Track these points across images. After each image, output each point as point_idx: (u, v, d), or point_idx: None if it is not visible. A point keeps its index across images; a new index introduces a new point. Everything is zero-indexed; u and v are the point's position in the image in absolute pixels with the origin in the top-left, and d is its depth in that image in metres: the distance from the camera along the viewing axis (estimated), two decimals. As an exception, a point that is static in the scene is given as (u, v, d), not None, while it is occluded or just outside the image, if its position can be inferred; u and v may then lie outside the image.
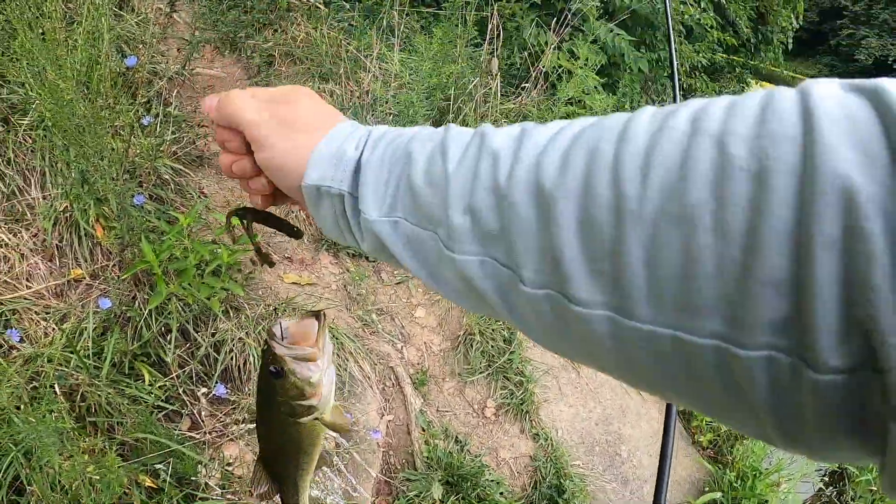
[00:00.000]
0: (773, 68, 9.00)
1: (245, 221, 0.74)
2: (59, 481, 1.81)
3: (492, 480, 2.62)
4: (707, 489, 3.35)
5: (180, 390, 2.38)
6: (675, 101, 1.65)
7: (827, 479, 3.99)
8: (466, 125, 2.99)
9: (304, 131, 0.60)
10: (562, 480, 2.79)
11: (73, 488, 1.80)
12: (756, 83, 8.29)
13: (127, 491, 1.97)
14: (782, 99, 0.34)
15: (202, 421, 2.39)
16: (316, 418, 0.77)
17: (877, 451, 0.31)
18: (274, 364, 0.72)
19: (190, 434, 2.28)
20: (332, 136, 0.58)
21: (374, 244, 0.55)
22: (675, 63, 1.77)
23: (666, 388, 0.40)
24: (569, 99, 3.99)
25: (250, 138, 0.62)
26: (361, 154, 0.56)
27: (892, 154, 0.29)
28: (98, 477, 1.82)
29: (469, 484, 2.52)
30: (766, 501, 3.32)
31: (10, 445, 1.81)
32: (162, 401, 2.25)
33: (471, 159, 0.47)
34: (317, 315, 0.74)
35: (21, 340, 2.13)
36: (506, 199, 0.43)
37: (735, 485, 3.31)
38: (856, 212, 0.28)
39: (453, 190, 0.47)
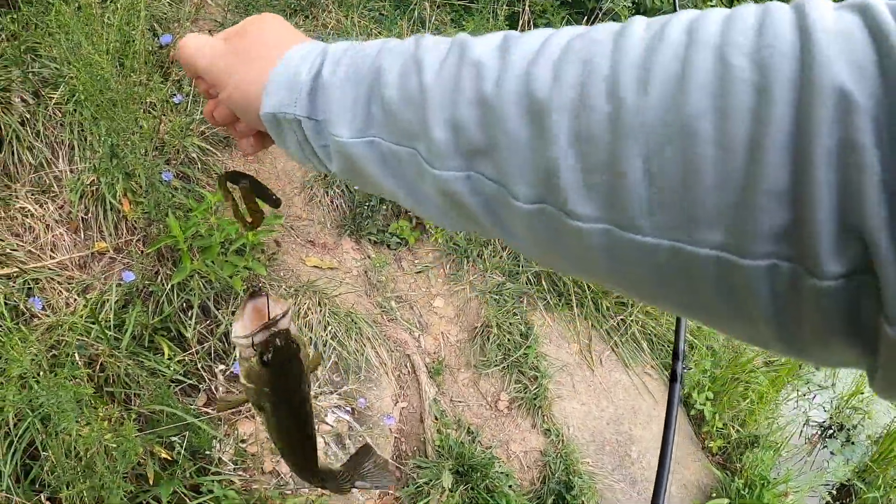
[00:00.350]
0: None
1: (233, 185, 0.74)
2: (75, 447, 1.84)
3: (501, 472, 2.63)
4: (714, 495, 3.34)
5: (199, 366, 2.40)
6: None
7: (834, 492, 3.96)
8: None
9: (262, 58, 0.57)
10: (571, 477, 2.80)
11: (88, 456, 1.83)
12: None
13: (142, 461, 2.00)
14: (779, 13, 0.34)
15: (219, 395, 2.41)
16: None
17: (870, 353, 0.33)
18: (271, 344, 0.73)
19: (205, 410, 2.31)
20: (287, 60, 0.55)
21: (345, 165, 0.52)
22: None
23: (663, 299, 0.40)
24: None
25: (211, 82, 0.60)
26: (320, 72, 0.52)
27: (882, 68, 0.30)
28: (115, 445, 1.84)
29: (479, 475, 2.53)
30: (772, 511, 3.31)
31: (28, 411, 1.85)
32: (180, 375, 2.28)
33: (450, 70, 0.45)
34: (254, 293, 0.75)
35: (43, 309, 2.16)
36: (493, 111, 0.41)
37: (742, 492, 3.29)
38: (850, 124, 0.29)
39: (432, 103, 0.45)
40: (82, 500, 1.79)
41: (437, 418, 2.72)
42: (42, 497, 1.79)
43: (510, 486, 2.62)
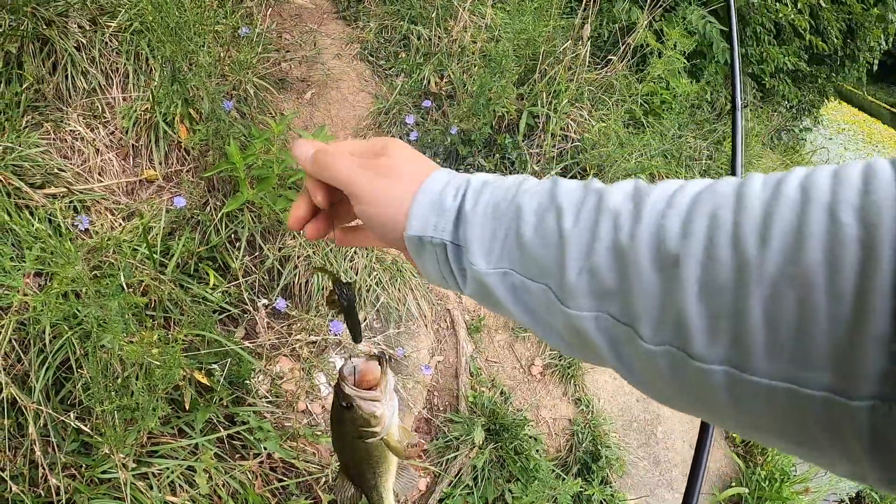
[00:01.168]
0: (852, 88, 8.71)
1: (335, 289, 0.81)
2: (111, 367, 1.85)
3: (530, 436, 2.63)
4: (734, 484, 3.32)
5: (243, 296, 2.41)
6: (734, 99, 1.67)
7: (848, 500, 3.92)
8: (552, 88, 2.95)
9: (402, 181, 0.59)
10: (598, 447, 2.79)
11: (125, 375, 1.83)
12: (835, 100, 8.02)
13: (179, 385, 2.01)
14: (882, 172, 0.37)
15: (258, 331, 2.42)
16: (381, 439, 0.87)
17: None
18: (344, 399, 0.82)
19: (245, 343, 2.32)
20: (429, 185, 0.58)
21: (479, 291, 0.56)
22: (737, 63, 1.72)
23: (778, 436, 0.42)
24: (651, 78, 3.93)
25: (350, 194, 0.61)
26: (463, 203, 0.56)
27: None
28: (159, 363, 1.85)
29: (509, 435, 2.53)
30: (789, 507, 3.28)
31: (65, 328, 1.85)
32: (224, 303, 2.28)
33: (589, 218, 0.49)
34: (380, 360, 0.84)
35: (87, 231, 2.17)
36: (627, 258, 0.45)
37: (762, 484, 3.28)
38: None
39: (571, 248, 0.48)
40: (114, 419, 1.80)
41: (472, 375, 2.71)
42: (72, 415, 1.80)
43: (537, 451, 2.62)
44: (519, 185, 0.56)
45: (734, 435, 3.51)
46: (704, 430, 1.26)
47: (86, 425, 1.79)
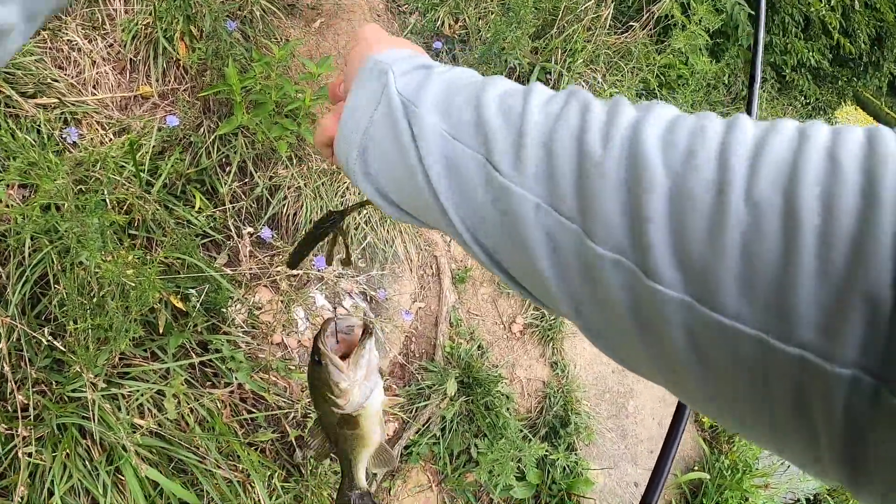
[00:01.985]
0: (870, 96, 8.60)
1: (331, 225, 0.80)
2: (88, 284, 1.81)
3: (503, 394, 2.63)
4: (696, 468, 3.35)
5: (228, 222, 2.36)
6: (751, 86, 1.53)
7: (805, 500, 3.96)
8: (568, 46, 2.85)
9: (381, 43, 0.60)
10: (569, 413, 2.80)
11: (101, 294, 1.80)
12: (852, 104, 7.93)
13: (155, 307, 1.97)
14: (887, 132, 0.34)
15: (240, 260, 2.39)
16: (348, 418, 0.84)
17: None
18: (317, 355, 0.80)
19: (225, 270, 2.28)
20: (405, 47, 0.59)
21: (401, 142, 0.50)
22: (759, 54, 1.66)
23: (730, 399, 0.37)
24: (672, 50, 3.84)
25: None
26: (432, 65, 0.55)
27: None
28: (133, 284, 1.81)
29: (482, 390, 2.52)
30: (747, 500, 3.31)
31: (46, 242, 1.81)
32: (208, 228, 2.24)
33: (557, 105, 0.44)
34: (365, 330, 0.81)
35: (75, 145, 2.11)
36: (592, 152, 0.40)
37: (725, 473, 3.30)
38: None
39: (531, 126, 0.44)
40: (87, 338, 1.77)
41: (452, 325, 2.69)
42: (46, 331, 1.77)
43: (508, 410, 2.62)
44: (493, 76, 0.51)
45: (703, 418, 3.53)
46: (680, 411, 1.19)
47: (59, 343, 1.76)
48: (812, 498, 3.85)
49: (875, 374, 0.30)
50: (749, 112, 1.56)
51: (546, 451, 2.58)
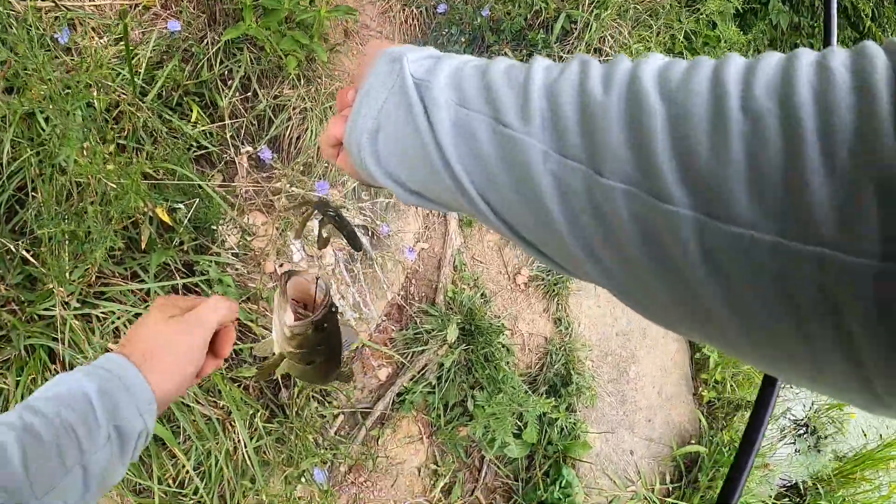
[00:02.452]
0: None
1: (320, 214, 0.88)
2: (67, 191, 1.64)
3: (504, 346, 2.49)
4: (693, 442, 3.24)
5: (226, 137, 2.19)
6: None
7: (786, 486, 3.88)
8: (581, 5, 2.66)
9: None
10: (571, 372, 2.66)
11: (80, 203, 1.63)
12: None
13: (139, 220, 1.81)
14: (871, 42, 0.35)
15: (236, 180, 2.22)
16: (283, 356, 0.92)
17: None
18: (281, 287, 0.86)
19: (220, 190, 2.11)
20: (413, 47, 0.58)
21: (415, 120, 0.50)
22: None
23: (756, 324, 0.36)
24: (701, 13, 3.68)
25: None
26: (441, 57, 0.55)
27: None
28: (114, 186, 1.64)
29: (483, 339, 2.38)
30: (740, 478, 3.19)
31: (27, 147, 1.64)
32: (204, 141, 2.06)
33: (558, 67, 0.47)
34: (323, 299, 0.87)
35: (68, 51, 1.93)
36: (593, 95, 0.42)
37: (722, 449, 3.19)
38: None
39: (534, 84, 0.45)
40: (61, 250, 1.61)
41: (456, 269, 2.54)
42: (21, 244, 1.60)
43: (507, 363, 2.48)
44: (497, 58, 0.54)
45: (703, 393, 3.42)
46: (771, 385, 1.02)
47: (32, 257, 1.59)
48: (808, 482, 3.77)
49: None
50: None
51: (550, 406, 2.44)
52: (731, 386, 3.43)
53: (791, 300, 0.33)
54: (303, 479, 2.19)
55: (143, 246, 1.80)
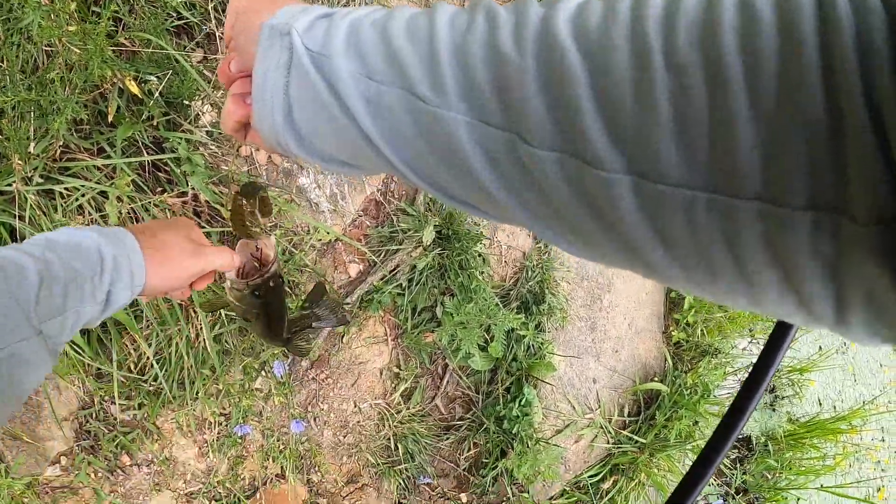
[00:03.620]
0: None
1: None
2: (35, 57, 1.52)
3: (480, 255, 2.43)
4: (656, 379, 3.25)
5: (208, 7, 2.05)
6: None
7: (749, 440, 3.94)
8: None
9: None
10: (545, 291, 2.61)
11: (46, 75, 1.50)
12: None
13: (107, 90, 1.69)
14: None
15: (218, 54, 2.09)
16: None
17: None
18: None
19: (197, 64, 1.98)
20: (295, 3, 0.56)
21: (322, 96, 0.47)
22: None
23: (699, 265, 0.36)
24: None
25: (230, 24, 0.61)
26: (333, 13, 0.51)
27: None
28: (77, 50, 1.51)
29: (458, 245, 2.31)
30: (698, 423, 3.22)
31: None
32: (182, 10, 1.91)
33: (464, 18, 0.44)
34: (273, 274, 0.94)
35: None
36: (504, 51, 0.40)
37: (684, 391, 3.20)
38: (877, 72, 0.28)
39: (441, 43, 0.43)
40: (23, 121, 1.52)
41: (437, 172, 2.45)
42: None
43: (482, 273, 2.42)
44: (396, 6, 0.50)
45: (672, 333, 3.41)
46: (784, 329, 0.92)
47: None
48: (760, 437, 3.83)
49: (831, 207, 0.30)
50: None
51: (522, 321, 2.40)
52: (702, 330, 3.42)
53: (731, 249, 0.34)
54: (263, 372, 2.15)
55: (109, 119, 1.69)
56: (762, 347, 0.86)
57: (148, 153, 1.82)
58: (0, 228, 1.57)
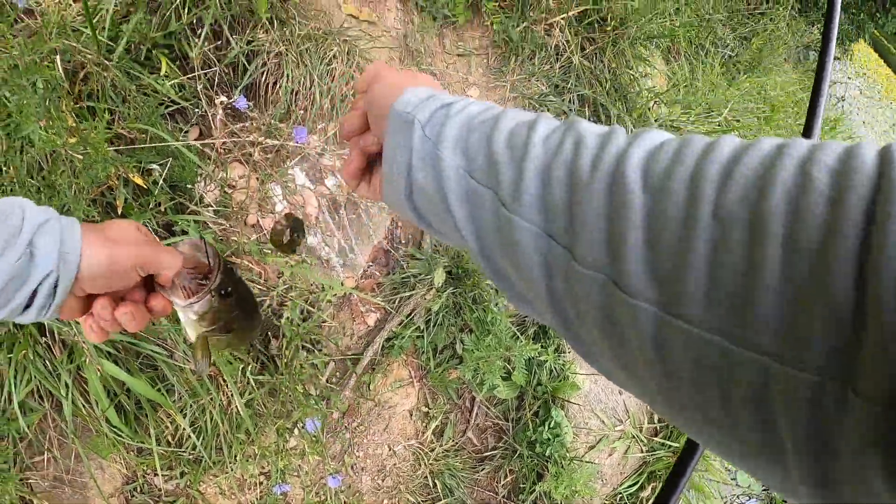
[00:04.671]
0: (883, 39, 8.40)
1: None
2: (39, 163, 1.60)
3: (493, 287, 2.48)
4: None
5: (198, 88, 2.13)
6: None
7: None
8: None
9: (405, 80, 0.65)
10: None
11: (52, 178, 1.58)
12: (867, 43, 7.76)
13: (113, 186, 1.77)
14: (867, 146, 0.35)
15: (213, 133, 2.17)
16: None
17: None
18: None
19: (196, 144, 2.06)
20: (425, 86, 0.62)
21: (431, 183, 0.55)
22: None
23: (694, 407, 0.38)
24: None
25: (373, 77, 0.69)
26: (451, 104, 0.58)
27: None
28: (80, 156, 1.59)
29: (470, 282, 2.37)
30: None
31: None
32: (175, 96, 2.00)
33: (556, 138, 0.49)
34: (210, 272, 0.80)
35: (29, 13, 1.84)
36: (581, 178, 0.44)
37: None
38: None
39: (531, 157, 0.48)
40: None
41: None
42: None
43: (497, 305, 2.48)
44: (506, 109, 0.57)
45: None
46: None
47: None
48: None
49: (841, 377, 0.30)
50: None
51: (537, 351, 2.45)
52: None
53: (726, 394, 0.35)
54: (296, 430, 2.22)
55: (119, 211, 1.77)
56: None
57: (160, 238, 1.90)
58: (30, 327, 1.65)
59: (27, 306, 0.68)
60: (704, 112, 3.49)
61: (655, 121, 3.09)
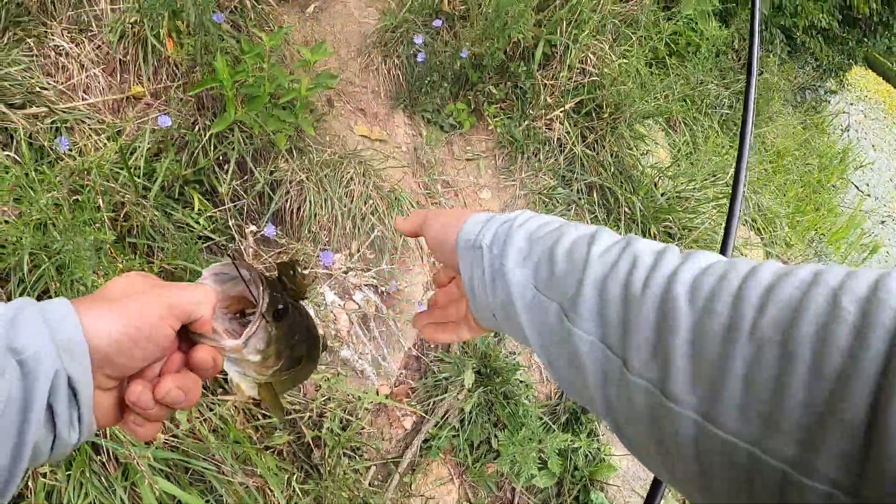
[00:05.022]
0: (879, 57, 8.47)
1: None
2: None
3: (522, 381, 2.56)
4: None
5: (229, 222, 2.28)
6: (750, 53, 1.63)
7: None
8: (573, 16, 2.72)
9: (459, 217, 0.72)
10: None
11: None
12: (861, 66, 7.81)
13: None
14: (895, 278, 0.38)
15: (246, 260, 2.31)
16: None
17: None
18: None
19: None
20: (481, 214, 0.69)
21: (503, 303, 0.61)
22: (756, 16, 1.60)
23: (725, 498, 0.42)
24: (680, 17, 3.70)
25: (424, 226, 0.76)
26: (512, 222, 0.65)
27: None
28: None
29: (500, 379, 2.45)
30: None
31: (44, 257, 1.74)
32: (208, 232, 2.16)
33: (614, 255, 0.54)
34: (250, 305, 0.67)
35: (69, 151, 2.02)
36: (635, 296, 0.49)
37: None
38: None
39: (590, 273, 0.53)
40: None
41: (465, 315, 2.61)
42: None
43: (527, 398, 2.55)
44: (566, 222, 0.63)
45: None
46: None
47: None
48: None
49: (849, 491, 0.34)
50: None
51: (567, 441, 2.51)
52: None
53: (754, 494, 0.39)
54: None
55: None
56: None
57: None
58: (86, 447, 1.74)
59: (54, 437, 0.51)
60: (710, 177, 3.58)
61: (662, 195, 3.20)
